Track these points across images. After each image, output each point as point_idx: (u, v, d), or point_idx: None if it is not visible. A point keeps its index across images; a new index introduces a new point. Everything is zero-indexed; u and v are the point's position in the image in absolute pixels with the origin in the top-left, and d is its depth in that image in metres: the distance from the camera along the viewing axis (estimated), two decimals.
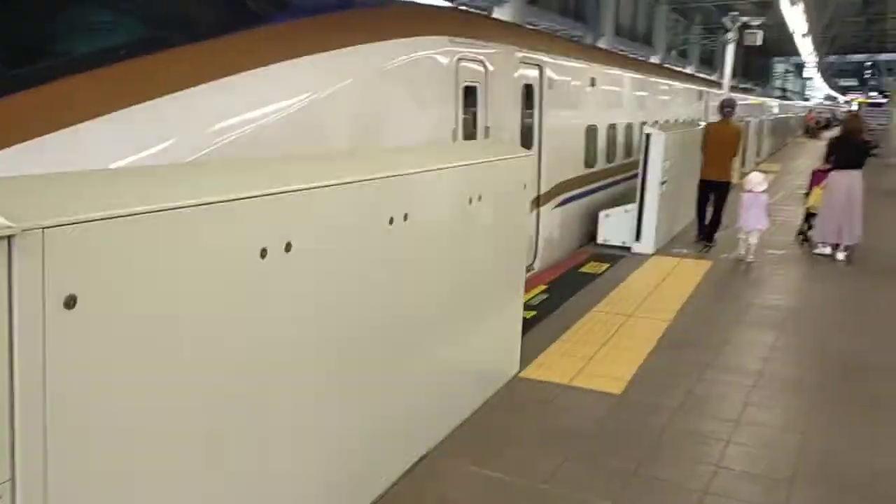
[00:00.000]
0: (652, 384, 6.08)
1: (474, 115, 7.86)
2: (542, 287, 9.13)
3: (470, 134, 7.83)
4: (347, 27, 6.15)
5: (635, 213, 11.29)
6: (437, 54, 7.11)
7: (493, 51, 8.16)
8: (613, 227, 11.61)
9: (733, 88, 20.23)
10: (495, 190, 5.22)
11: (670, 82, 17.33)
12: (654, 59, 43.68)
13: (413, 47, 6.79)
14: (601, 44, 34.37)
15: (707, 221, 11.69)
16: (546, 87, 9.84)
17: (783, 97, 73.31)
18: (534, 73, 9.56)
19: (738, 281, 9.88)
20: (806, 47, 46.99)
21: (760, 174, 11.56)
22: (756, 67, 78.61)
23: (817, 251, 11.32)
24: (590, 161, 12.08)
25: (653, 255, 11.19)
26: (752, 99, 33.95)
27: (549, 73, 9.90)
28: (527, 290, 8.72)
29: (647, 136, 11.05)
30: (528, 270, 9.71)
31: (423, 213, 4.16)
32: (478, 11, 15.57)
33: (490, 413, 5.42)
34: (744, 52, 68.38)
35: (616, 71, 13.55)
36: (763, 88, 75.51)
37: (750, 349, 7.09)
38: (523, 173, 5.86)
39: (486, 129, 8.10)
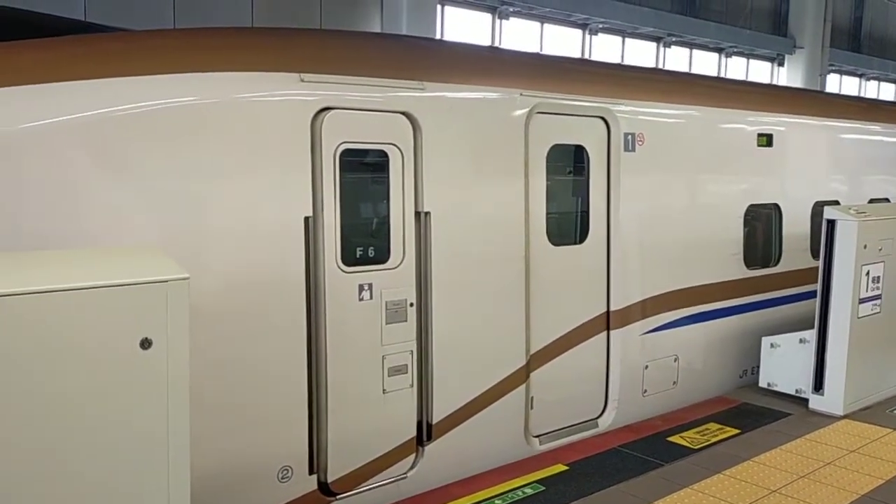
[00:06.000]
0: None
1: (378, 194, 5.03)
2: (558, 468, 5.65)
3: (361, 223, 5.03)
4: None
5: (814, 347, 6.96)
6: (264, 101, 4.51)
7: (435, 95, 5.21)
8: (782, 364, 7.32)
9: None
10: None
11: None
12: None
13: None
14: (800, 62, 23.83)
15: None
16: (621, 149, 6.39)
17: None
18: (586, 127, 6.24)
19: None
20: None
21: None
22: None
23: None
24: (757, 257, 7.93)
25: (842, 417, 6.75)
26: None
27: (630, 126, 6.44)
28: (528, 470, 5.54)
29: (830, 223, 6.75)
30: (588, 427, 6.35)
31: None
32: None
33: None
34: None
35: (818, 119, 8.94)
36: None
37: None
38: None
39: (422, 214, 5.15)
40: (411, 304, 5.11)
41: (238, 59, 4.51)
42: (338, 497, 4.92)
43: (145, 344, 2.85)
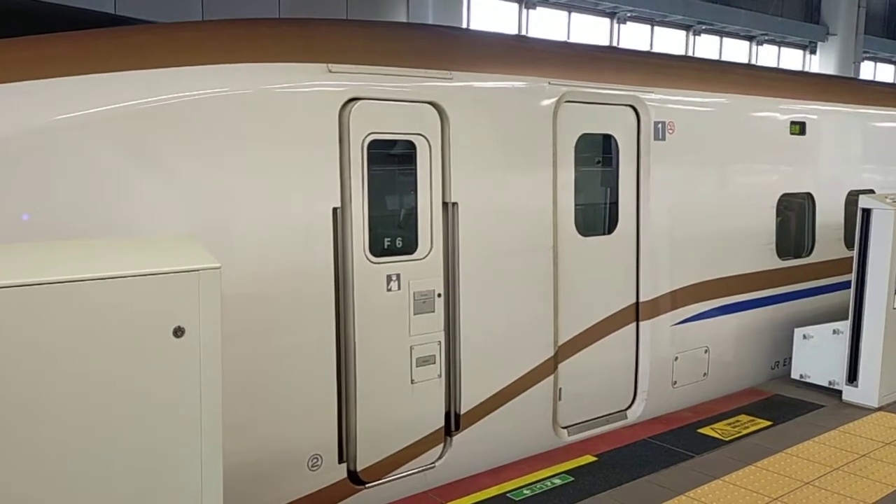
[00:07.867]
0: None
1: (405, 185, 5.01)
2: (586, 458, 5.62)
3: (389, 213, 5.02)
4: None
5: (848, 338, 6.85)
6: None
7: (463, 84, 5.18)
8: (815, 356, 7.21)
9: None
10: None
11: None
12: None
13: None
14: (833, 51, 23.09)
15: None
16: (651, 138, 6.32)
17: None
18: (615, 116, 6.17)
19: None
20: None
21: None
22: None
23: None
24: (789, 247, 7.81)
25: (877, 409, 6.64)
26: None
27: (660, 115, 6.36)
28: (557, 460, 5.53)
29: (865, 212, 6.63)
30: (617, 418, 6.32)
31: None
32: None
33: None
34: None
35: (852, 107, 8.75)
36: None
37: None
38: None
39: (449, 205, 5.13)
40: (439, 295, 5.11)
41: (266, 50, 4.52)
42: (367, 486, 4.94)
43: (178, 332, 2.87)
